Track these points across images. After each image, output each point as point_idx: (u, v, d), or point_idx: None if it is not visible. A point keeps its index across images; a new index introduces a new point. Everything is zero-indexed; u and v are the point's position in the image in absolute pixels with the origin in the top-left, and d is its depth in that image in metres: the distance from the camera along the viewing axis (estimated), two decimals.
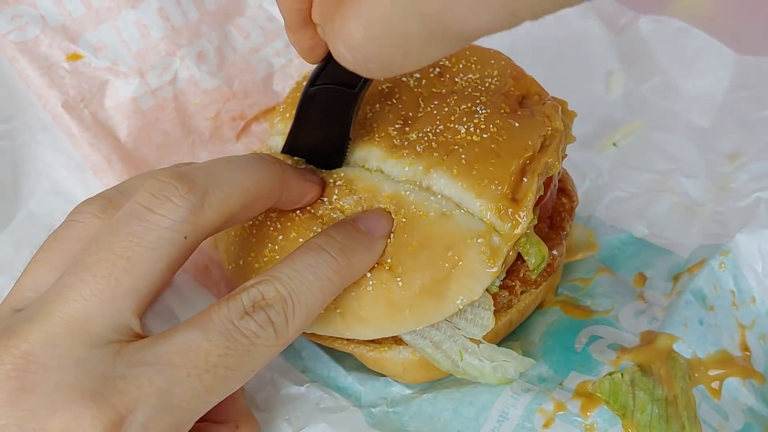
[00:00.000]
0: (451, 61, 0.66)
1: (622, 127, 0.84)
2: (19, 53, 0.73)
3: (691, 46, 0.87)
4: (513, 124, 0.60)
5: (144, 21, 0.76)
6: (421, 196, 0.58)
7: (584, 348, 0.65)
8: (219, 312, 0.49)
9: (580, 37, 0.89)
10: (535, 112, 0.62)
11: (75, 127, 0.73)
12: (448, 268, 0.56)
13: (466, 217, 0.57)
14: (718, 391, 0.63)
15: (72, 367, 0.46)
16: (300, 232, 0.59)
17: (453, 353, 0.59)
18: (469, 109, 0.61)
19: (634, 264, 0.73)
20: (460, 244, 0.56)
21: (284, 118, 0.67)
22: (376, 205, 0.59)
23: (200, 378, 0.48)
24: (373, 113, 0.63)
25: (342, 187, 0.60)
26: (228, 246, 0.64)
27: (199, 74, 0.77)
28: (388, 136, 0.61)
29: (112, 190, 0.56)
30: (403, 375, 0.65)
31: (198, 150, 0.78)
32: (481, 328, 0.59)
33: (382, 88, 0.65)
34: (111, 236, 0.49)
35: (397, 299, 0.56)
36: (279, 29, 0.82)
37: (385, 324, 0.58)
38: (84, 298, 0.47)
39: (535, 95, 0.65)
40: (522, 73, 0.67)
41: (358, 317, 0.57)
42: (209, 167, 0.52)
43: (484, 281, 0.56)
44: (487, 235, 0.56)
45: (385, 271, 0.57)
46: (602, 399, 0.60)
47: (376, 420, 0.64)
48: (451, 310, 0.57)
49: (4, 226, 0.71)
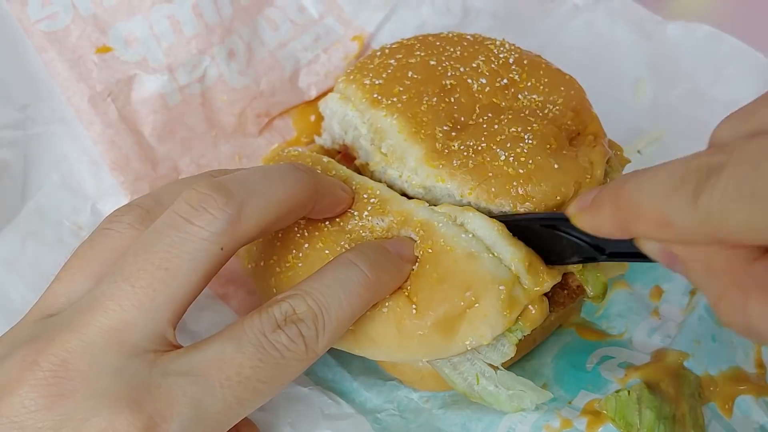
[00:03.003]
0: (522, 76, 0.65)
1: (647, 135, 0.84)
2: (48, 43, 0.72)
3: (721, 52, 0.86)
4: (552, 164, 0.59)
5: (178, 16, 0.75)
6: (452, 230, 0.58)
7: (594, 367, 0.65)
8: (252, 325, 0.50)
9: (608, 42, 0.88)
10: (581, 154, 0.61)
11: (99, 122, 0.73)
12: (463, 307, 0.56)
13: (494, 262, 0.56)
14: (730, 410, 0.63)
15: (109, 375, 0.47)
16: (327, 243, 0.59)
17: (470, 376, 0.59)
18: (518, 134, 0.60)
19: (651, 276, 0.73)
20: (481, 287, 0.55)
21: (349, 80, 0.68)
22: (406, 230, 0.59)
23: (233, 389, 0.49)
24: (428, 105, 0.63)
25: (375, 206, 0.60)
26: (250, 245, 0.64)
27: (228, 72, 0.77)
28: (433, 136, 0.61)
29: (148, 199, 0.56)
30: (420, 383, 0.65)
31: (220, 143, 0.79)
32: (501, 355, 0.59)
33: (446, 84, 0.65)
34: (150, 246, 0.49)
35: (408, 327, 0.56)
36: (308, 22, 0.81)
37: (393, 349, 0.58)
38: (122, 307, 0.48)
39: (590, 135, 0.63)
40: (586, 107, 0.65)
41: (369, 337, 0.58)
42: (246, 178, 0.53)
43: (496, 328, 0.56)
44: (511, 284, 0.56)
45: (403, 296, 0.57)
46: (608, 416, 0.60)
47: (383, 425, 0.65)
48: (459, 349, 0.57)
49: (11, 218, 0.71)
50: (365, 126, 0.66)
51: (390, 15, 0.83)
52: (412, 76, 0.65)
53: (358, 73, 0.67)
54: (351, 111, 0.67)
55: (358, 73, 0.67)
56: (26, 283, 0.68)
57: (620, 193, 0.45)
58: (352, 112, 0.67)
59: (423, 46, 0.68)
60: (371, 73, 0.67)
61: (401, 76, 0.66)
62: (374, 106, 0.65)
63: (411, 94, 0.64)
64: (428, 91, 0.64)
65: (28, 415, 0.45)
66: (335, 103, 0.68)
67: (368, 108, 0.65)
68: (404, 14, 0.83)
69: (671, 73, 0.86)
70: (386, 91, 0.65)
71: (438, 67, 0.66)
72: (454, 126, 0.62)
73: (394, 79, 0.65)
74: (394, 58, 0.68)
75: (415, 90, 0.64)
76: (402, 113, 0.63)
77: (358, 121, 0.66)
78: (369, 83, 0.66)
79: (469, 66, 0.66)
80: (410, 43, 0.69)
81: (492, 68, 0.66)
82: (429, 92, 0.64)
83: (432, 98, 0.63)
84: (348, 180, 0.62)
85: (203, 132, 0.78)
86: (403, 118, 0.62)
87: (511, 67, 0.66)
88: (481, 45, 0.69)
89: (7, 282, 0.68)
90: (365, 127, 0.66)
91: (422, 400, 0.66)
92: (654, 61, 0.87)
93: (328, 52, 0.81)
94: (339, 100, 0.68)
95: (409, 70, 0.66)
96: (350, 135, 0.68)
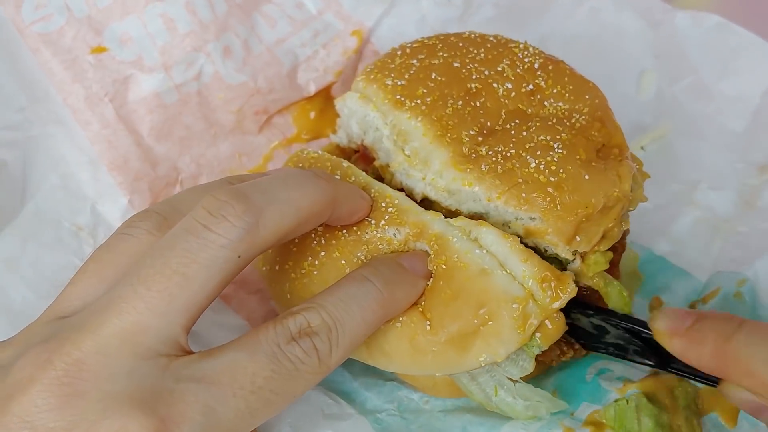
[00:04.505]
0: (548, 83, 0.65)
1: (651, 131, 0.82)
2: (43, 45, 0.72)
3: (730, 43, 0.83)
4: (583, 175, 0.58)
5: (171, 14, 0.75)
6: (466, 246, 0.57)
7: (594, 378, 0.65)
8: (266, 335, 0.50)
9: (614, 32, 0.85)
10: (609, 167, 0.61)
11: (96, 123, 0.73)
12: (477, 325, 0.56)
13: (507, 279, 0.56)
14: (734, 420, 0.63)
15: (122, 377, 0.47)
16: (343, 254, 0.60)
17: (488, 387, 0.60)
18: (547, 143, 0.60)
19: (652, 286, 0.73)
20: (494, 305, 0.55)
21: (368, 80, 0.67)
22: (422, 243, 0.58)
23: (245, 399, 0.49)
24: (453, 108, 0.62)
25: (393, 215, 0.60)
26: None
27: (224, 70, 0.77)
28: (459, 140, 0.60)
29: (165, 206, 0.56)
30: (432, 389, 0.66)
31: (219, 142, 0.78)
32: (520, 369, 0.59)
33: (471, 87, 0.64)
34: (167, 250, 0.49)
35: (421, 342, 0.57)
36: (307, 18, 0.80)
37: (407, 363, 0.58)
38: (137, 310, 0.48)
39: (615, 147, 0.63)
40: (610, 117, 0.65)
41: (382, 350, 0.58)
42: (265, 186, 0.53)
43: (510, 346, 0.56)
44: (524, 302, 0.56)
45: (418, 312, 0.57)
46: (608, 425, 0.60)
47: (384, 425, 0.65)
48: (473, 366, 0.57)
49: (10, 220, 0.71)
50: (387, 128, 0.65)
51: (389, 9, 0.82)
52: (436, 78, 0.64)
53: (378, 73, 0.66)
54: (372, 112, 0.66)
55: (379, 73, 0.66)
56: (27, 283, 0.69)
57: (729, 343, 0.49)
58: (373, 113, 0.66)
59: (445, 46, 0.67)
60: (393, 73, 0.66)
61: (425, 78, 0.65)
62: (397, 107, 0.64)
63: (435, 97, 0.63)
64: (453, 94, 0.63)
65: (39, 415, 0.46)
66: (354, 103, 0.67)
67: (391, 109, 0.64)
68: (404, 8, 0.82)
69: (677, 64, 0.84)
70: (409, 92, 0.64)
71: (462, 69, 0.65)
72: (481, 131, 0.61)
73: (417, 80, 0.65)
74: (416, 58, 0.66)
75: (439, 92, 0.63)
76: (426, 116, 0.62)
77: (379, 123, 0.66)
78: (391, 84, 0.65)
79: (494, 69, 0.65)
80: (432, 43, 0.68)
81: (517, 73, 0.65)
82: (454, 95, 0.63)
83: (457, 101, 0.63)
84: (367, 187, 0.62)
85: (202, 131, 0.77)
86: (427, 121, 0.62)
87: (537, 72, 0.65)
88: (505, 48, 0.68)
89: (7, 283, 0.68)
90: (387, 129, 0.65)
91: (422, 401, 0.67)
92: (660, 51, 0.85)
93: (327, 48, 0.81)
94: (359, 99, 0.67)
95: (433, 71, 0.65)
96: (370, 135, 0.67)
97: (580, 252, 0.59)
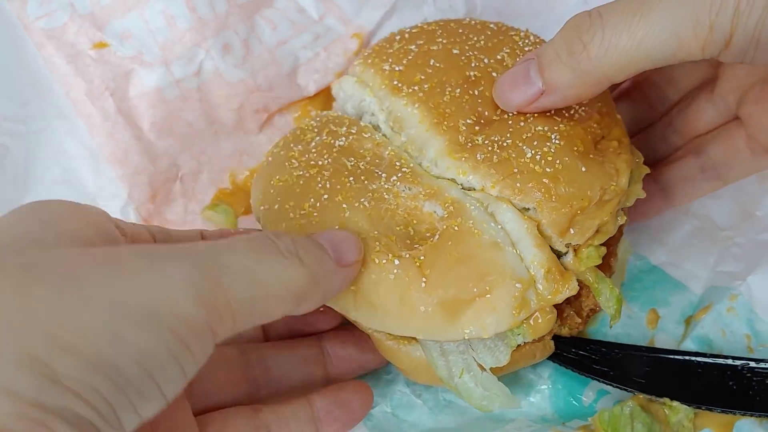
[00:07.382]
0: None
1: None
2: (47, 40, 0.73)
3: None
4: (580, 167, 0.58)
5: (171, 11, 0.75)
6: (483, 216, 0.57)
7: (591, 405, 0.65)
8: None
9: None
10: (607, 160, 0.60)
11: (97, 116, 0.74)
12: (474, 294, 0.54)
13: (516, 259, 0.56)
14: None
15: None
16: (346, 198, 0.58)
17: (455, 367, 0.58)
18: (544, 133, 0.59)
19: (648, 298, 0.72)
20: (498, 279, 0.54)
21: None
22: (433, 203, 0.57)
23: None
24: (451, 96, 0.62)
25: (406, 174, 0.59)
26: (267, 188, 0.63)
27: (223, 66, 0.77)
28: (455, 128, 0.60)
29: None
30: (413, 372, 0.64)
31: (221, 140, 0.79)
32: (494, 359, 0.58)
33: (470, 75, 0.63)
34: None
35: (412, 299, 0.55)
36: (308, 22, 0.81)
37: (390, 318, 0.56)
38: None
39: (614, 140, 0.62)
40: (611, 109, 0.64)
41: (369, 302, 0.56)
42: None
43: (501, 325, 0.55)
44: (527, 285, 0.55)
45: (415, 266, 0.55)
46: (601, 429, 0.60)
47: (375, 422, 0.65)
48: (456, 336, 0.56)
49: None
50: (383, 113, 0.64)
51: (391, 13, 0.82)
52: (435, 65, 0.64)
53: (376, 57, 0.66)
54: (369, 96, 0.66)
55: (377, 57, 0.66)
56: None
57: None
58: (369, 98, 0.66)
59: (445, 32, 0.67)
60: (391, 58, 0.66)
61: (423, 64, 0.64)
62: (394, 93, 0.63)
63: (433, 84, 0.63)
64: (451, 82, 0.63)
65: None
66: (351, 87, 0.67)
67: (388, 95, 0.64)
68: (405, 12, 0.82)
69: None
70: (407, 78, 0.64)
71: (461, 56, 0.64)
72: (478, 120, 0.61)
73: (415, 66, 0.64)
74: (414, 44, 0.66)
75: (437, 79, 0.63)
76: (423, 103, 0.62)
77: (375, 108, 0.65)
78: (389, 69, 0.65)
79: (494, 58, 0.65)
80: (431, 29, 0.68)
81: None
82: (452, 83, 0.63)
83: (455, 89, 0.62)
84: (383, 145, 0.61)
85: (203, 128, 0.78)
86: (424, 108, 0.61)
87: None
88: (505, 35, 0.67)
89: None
90: (383, 114, 0.64)
91: (415, 395, 0.67)
92: None
93: (327, 50, 0.81)
94: (355, 83, 0.67)
95: (431, 57, 0.64)
96: (366, 120, 0.67)
97: (573, 245, 0.58)
